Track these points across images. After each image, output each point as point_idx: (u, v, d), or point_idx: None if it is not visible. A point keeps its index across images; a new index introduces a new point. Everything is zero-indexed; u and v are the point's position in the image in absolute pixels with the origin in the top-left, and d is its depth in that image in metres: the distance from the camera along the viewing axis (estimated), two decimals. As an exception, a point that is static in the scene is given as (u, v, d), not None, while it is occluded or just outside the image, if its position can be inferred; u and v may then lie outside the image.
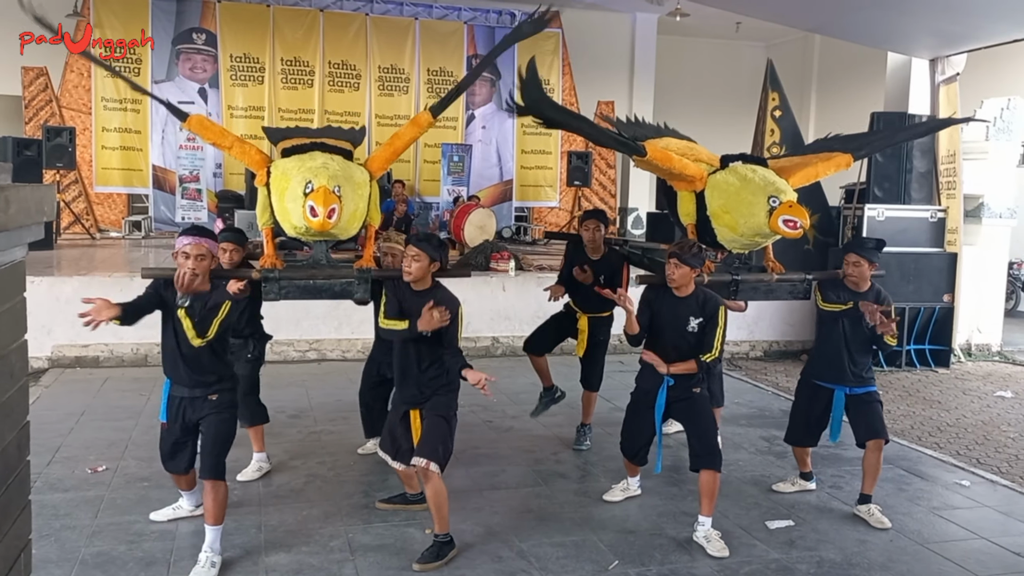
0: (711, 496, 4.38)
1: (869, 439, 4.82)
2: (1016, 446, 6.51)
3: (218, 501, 3.92)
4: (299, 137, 4.88)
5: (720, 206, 4.64)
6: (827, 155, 4.99)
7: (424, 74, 14.97)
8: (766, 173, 4.64)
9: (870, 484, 4.83)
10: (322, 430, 6.17)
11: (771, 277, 4.89)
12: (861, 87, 15.47)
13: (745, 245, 4.80)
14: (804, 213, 4.37)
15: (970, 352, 9.96)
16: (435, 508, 4.08)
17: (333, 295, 4.42)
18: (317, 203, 3.86)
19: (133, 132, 13.66)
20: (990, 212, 10.05)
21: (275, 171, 4.25)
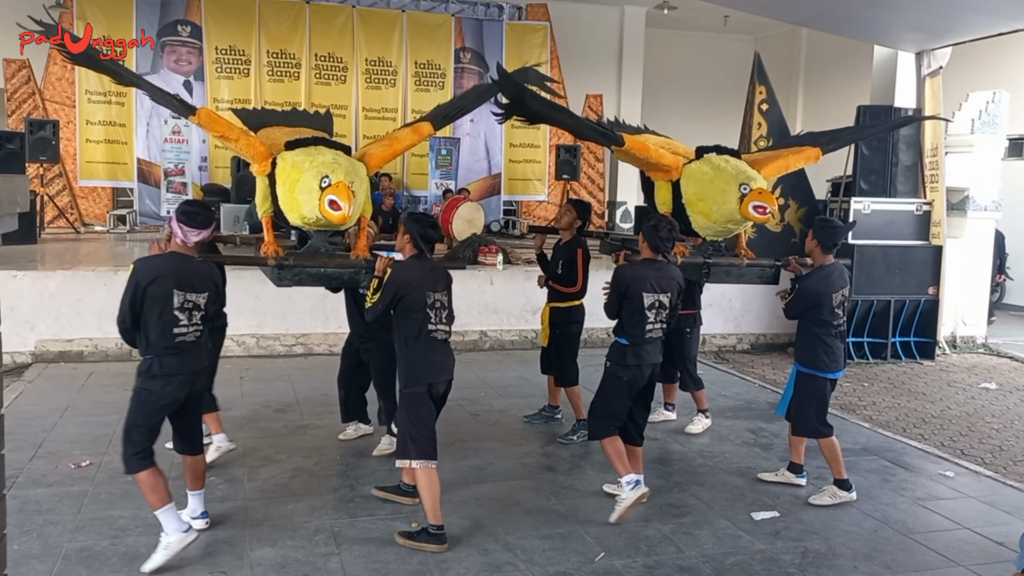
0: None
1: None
2: (1000, 437, 6.55)
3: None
4: (275, 125, 5.07)
5: (695, 194, 4.91)
6: (797, 148, 5.27)
7: (411, 67, 14.91)
8: (738, 163, 4.87)
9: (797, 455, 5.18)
10: (308, 424, 6.15)
11: (741, 261, 5.11)
12: (848, 80, 15.51)
13: (718, 232, 5.01)
14: (772, 199, 4.62)
15: (955, 344, 10.02)
16: (421, 496, 4.24)
17: (342, 283, 4.64)
18: (340, 197, 4.05)
19: (118, 125, 13.56)
20: (975, 205, 10.10)
21: (282, 163, 4.36)
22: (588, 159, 15.57)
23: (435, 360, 4.25)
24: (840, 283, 4.91)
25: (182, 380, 3.91)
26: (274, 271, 4.45)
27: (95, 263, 8.71)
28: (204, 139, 13.86)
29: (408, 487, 4.67)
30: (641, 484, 4.56)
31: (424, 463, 4.15)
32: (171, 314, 3.82)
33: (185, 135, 13.20)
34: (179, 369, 3.89)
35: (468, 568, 3.96)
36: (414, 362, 4.22)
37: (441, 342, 4.27)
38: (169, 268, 3.88)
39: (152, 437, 3.92)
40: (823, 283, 4.86)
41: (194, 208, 3.97)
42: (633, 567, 4.02)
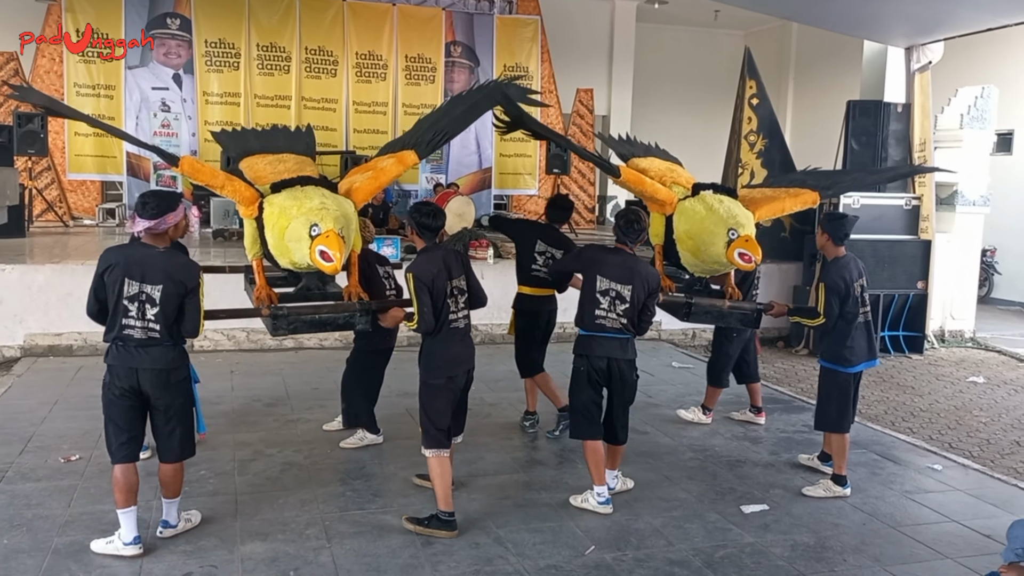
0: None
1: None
2: (987, 431, 6.60)
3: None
4: (257, 150, 5.08)
5: (685, 231, 4.98)
6: (796, 191, 5.33)
7: (402, 61, 14.86)
8: (731, 205, 4.94)
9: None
10: (299, 418, 6.15)
11: (723, 303, 5.21)
12: (838, 75, 15.55)
13: (705, 270, 5.14)
14: (757, 248, 4.71)
15: (943, 338, 10.08)
16: (433, 483, 4.36)
17: (337, 327, 4.66)
18: (332, 248, 4.00)
19: (107, 118, 13.40)
20: (964, 200, 10.15)
21: (269, 207, 4.32)
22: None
23: (454, 352, 4.35)
24: (857, 273, 4.97)
25: (126, 373, 3.85)
26: (268, 321, 4.44)
27: (84, 257, 8.66)
28: (194, 132, 13.80)
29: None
30: (610, 503, 4.62)
31: (436, 452, 4.30)
32: (121, 303, 3.81)
33: (175, 128, 13.14)
34: (121, 361, 3.86)
35: (459, 561, 3.97)
36: (433, 354, 4.32)
37: (461, 332, 4.38)
38: (124, 256, 3.88)
39: (120, 432, 3.89)
40: (844, 273, 4.92)
41: (146, 198, 3.93)
42: (623, 560, 4.04)
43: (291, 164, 4.97)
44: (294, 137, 5.55)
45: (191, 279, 3.89)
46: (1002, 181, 11.69)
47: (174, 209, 3.92)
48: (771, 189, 5.55)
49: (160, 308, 3.81)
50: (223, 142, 5.70)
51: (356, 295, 4.58)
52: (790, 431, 6.27)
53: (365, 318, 4.50)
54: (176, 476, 4.08)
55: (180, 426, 4.00)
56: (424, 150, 4.75)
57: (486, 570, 3.90)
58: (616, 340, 4.58)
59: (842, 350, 4.95)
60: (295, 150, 5.25)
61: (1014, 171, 12.74)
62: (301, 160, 5.10)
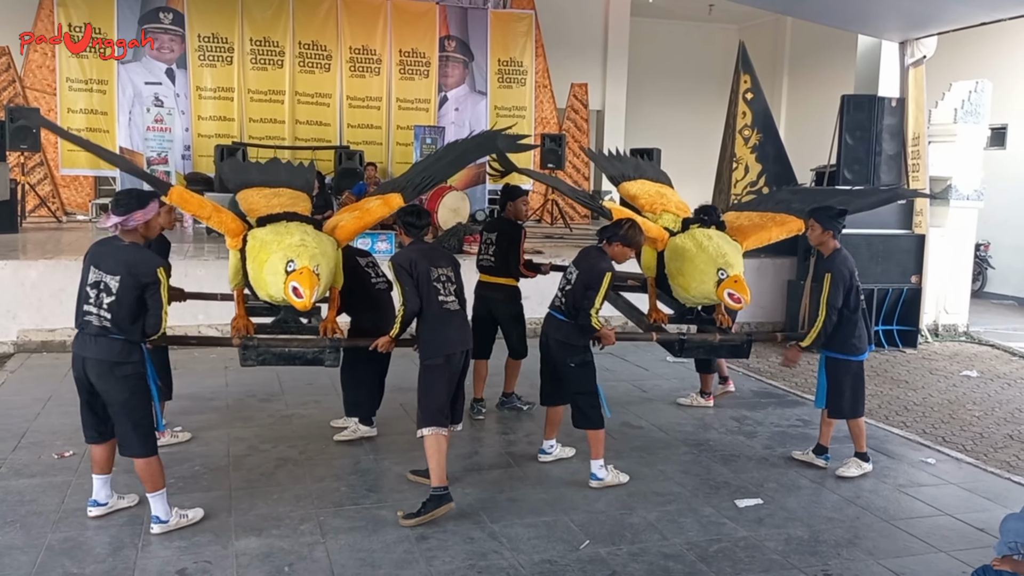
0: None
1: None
2: (981, 424, 6.62)
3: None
4: (256, 183, 5.27)
5: (676, 268, 5.16)
6: (783, 218, 5.51)
7: (396, 55, 14.84)
8: (720, 241, 5.12)
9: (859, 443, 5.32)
10: (293, 414, 6.14)
11: (714, 337, 5.36)
12: (832, 70, 15.56)
13: (697, 303, 5.38)
14: (746, 289, 4.90)
15: (937, 332, 10.11)
16: (428, 460, 4.41)
17: (306, 362, 4.70)
18: (303, 286, 4.16)
19: (99, 113, 13.42)
20: (958, 194, 10.16)
21: (252, 240, 4.48)
22: (573, 148, 15.55)
23: (451, 331, 4.47)
24: (853, 264, 5.15)
25: (77, 361, 3.99)
26: (239, 351, 4.56)
27: (77, 252, 8.62)
28: (187, 128, 13.76)
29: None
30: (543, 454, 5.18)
31: (434, 429, 4.37)
32: (84, 289, 3.93)
33: (168, 123, 13.09)
34: (76, 348, 4.00)
35: (454, 556, 3.97)
36: (430, 335, 4.45)
37: (455, 313, 4.50)
38: (96, 246, 4.02)
39: (82, 414, 4.11)
40: (849, 264, 5.09)
41: (119, 196, 4.06)
42: (618, 554, 4.05)
43: (285, 199, 5.15)
44: (295, 172, 5.76)
45: (146, 273, 3.90)
46: (995, 175, 11.72)
47: (143, 207, 3.95)
48: (758, 215, 5.69)
49: (116, 298, 3.86)
50: (224, 172, 5.84)
51: (332, 331, 4.70)
52: (784, 425, 6.29)
53: (334, 356, 4.64)
54: (144, 470, 4.05)
55: (128, 421, 3.98)
56: (410, 194, 4.94)
57: (480, 564, 3.90)
58: (555, 320, 4.89)
59: (852, 339, 5.13)
60: (294, 185, 5.44)
61: (1008, 165, 12.77)
62: (296, 196, 5.29)
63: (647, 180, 5.98)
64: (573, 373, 4.87)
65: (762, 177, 10.05)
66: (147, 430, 4.05)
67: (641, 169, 6.19)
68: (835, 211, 5.17)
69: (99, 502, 4.25)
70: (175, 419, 5.85)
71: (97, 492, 4.26)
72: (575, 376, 4.87)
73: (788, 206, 5.64)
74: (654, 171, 6.33)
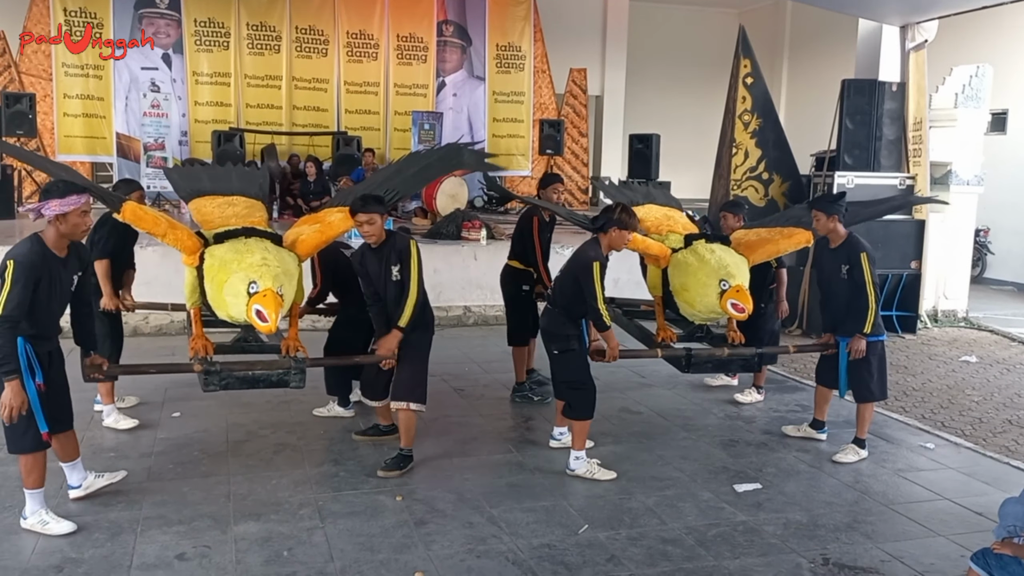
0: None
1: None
2: (980, 409, 6.62)
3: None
4: (208, 191, 5.11)
5: (680, 284, 5.14)
6: (790, 231, 5.47)
7: (393, 40, 14.75)
8: (723, 254, 5.10)
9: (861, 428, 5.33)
10: (291, 399, 6.12)
11: (722, 352, 5.29)
12: (832, 54, 15.49)
13: (704, 319, 5.35)
14: (748, 299, 4.90)
15: (936, 318, 10.10)
16: (404, 428, 4.77)
17: (270, 384, 4.58)
18: (267, 309, 4.02)
19: (96, 99, 13.36)
20: (958, 179, 10.13)
21: (210, 259, 4.29)
22: (572, 134, 15.51)
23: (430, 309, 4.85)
24: None
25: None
26: (200, 376, 4.40)
27: (74, 239, 8.60)
28: (183, 113, 13.71)
29: (387, 427, 5.21)
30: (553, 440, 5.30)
31: (423, 406, 4.75)
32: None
33: (164, 109, 13.03)
34: None
35: (453, 541, 3.97)
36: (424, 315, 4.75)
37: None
38: None
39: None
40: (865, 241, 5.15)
41: (46, 184, 3.92)
42: (617, 539, 4.05)
43: (240, 208, 5.00)
44: (248, 178, 5.54)
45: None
46: (996, 160, 11.68)
47: (62, 197, 3.69)
48: (766, 230, 5.67)
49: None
50: (174, 180, 5.63)
51: (294, 349, 4.56)
52: (783, 411, 6.28)
53: (299, 377, 4.50)
54: (23, 466, 3.93)
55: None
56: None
57: (479, 549, 3.90)
58: (545, 309, 5.01)
59: (879, 319, 5.11)
60: (248, 192, 5.25)
61: (1008, 150, 12.73)
62: (251, 204, 5.12)
63: (654, 205, 5.97)
64: (556, 360, 4.86)
65: (762, 162, 10.01)
66: (13, 430, 3.84)
67: (651, 196, 6.17)
68: (832, 196, 5.16)
69: (73, 485, 4.27)
70: (176, 406, 5.85)
71: (70, 477, 4.27)
72: (558, 364, 4.86)
73: (799, 221, 5.58)
74: (664, 197, 6.28)
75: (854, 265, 5.03)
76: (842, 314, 5.18)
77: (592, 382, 4.84)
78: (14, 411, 3.70)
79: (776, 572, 3.77)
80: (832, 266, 5.20)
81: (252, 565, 3.68)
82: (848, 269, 5.07)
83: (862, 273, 5.00)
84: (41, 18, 12.92)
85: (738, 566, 3.82)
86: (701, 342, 5.57)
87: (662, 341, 5.32)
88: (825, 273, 5.32)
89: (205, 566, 3.67)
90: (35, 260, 3.70)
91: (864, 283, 5.00)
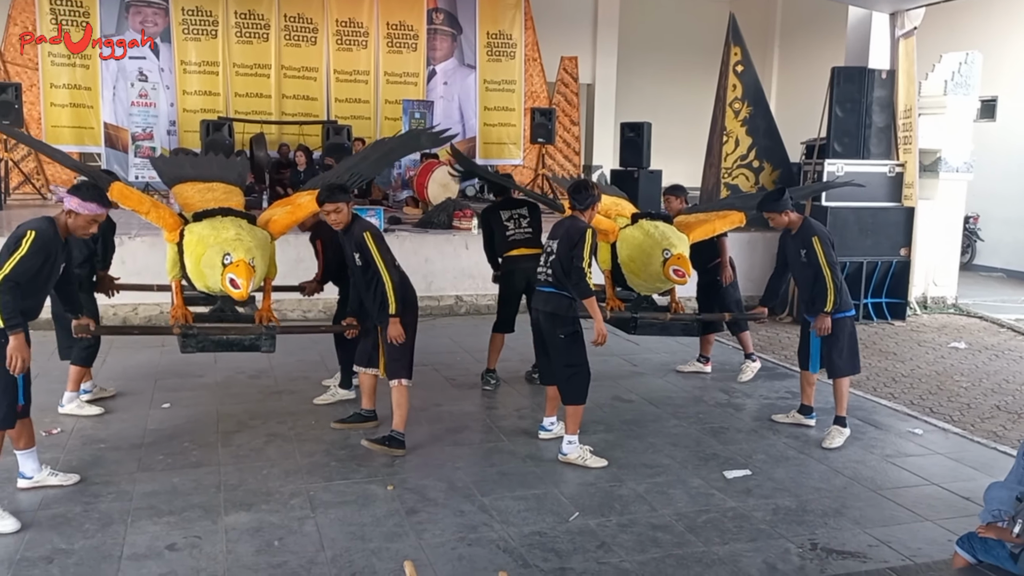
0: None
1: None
2: (968, 395, 6.66)
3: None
4: (190, 178, 5.48)
5: (627, 256, 5.66)
6: (724, 213, 6.14)
7: (383, 28, 14.67)
8: (665, 229, 5.66)
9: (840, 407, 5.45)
10: (282, 390, 6.13)
11: (664, 316, 5.87)
12: (823, 41, 15.49)
13: (650, 288, 5.84)
14: (687, 264, 5.45)
15: (926, 305, 10.14)
16: (397, 405, 4.88)
17: (243, 348, 4.97)
18: (239, 276, 4.39)
19: (83, 89, 13.25)
20: (947, 166, 10.15)
21: (189, 235, 4.66)
22: (563, 122, 15.47)
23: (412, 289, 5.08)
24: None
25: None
26: (179, 339, 4.75)
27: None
28: (172, 103, 13.62)
29: (368, 412, 5.30)
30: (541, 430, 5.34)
31: (411, 381, 4.91)
32: None
33: (152, 99, 12.95)
34: None
35: (444, 529, 3.98)
36: (408, 295, 4.92)
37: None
38: None
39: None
40: (820, 224, 5.37)
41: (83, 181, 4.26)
42: (607, 526, 4.07)
43: (219, 194, 5.33)
44: (227, 167, 5.96)
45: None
46: (985, 147, 11.71)
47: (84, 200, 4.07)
48: (704, 214, 6.30)
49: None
50: (159, 167, 6.12)
51: (267, 319, 4.90)
52: (773, 397, 6.32)
53: (269, 342, 4.87)
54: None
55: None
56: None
57: (471, 537, 3.91)
58: (542, 293, 4.89)
59: (843, 296, 5.27)
60: (227, 179, 5.61)
61: (997, 137, 12.76)
62: (229, 190, 5.45)
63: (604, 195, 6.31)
64: (563, 345, 4.82)
65: (752, 150, 10.04)
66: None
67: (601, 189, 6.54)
68: (775, 194, 5.43)
69: (26, 475, 4.29)
70: (166, 396, 5.85)
71: (23, 466, 4.29)
72: (564, 348, 4.83)
73: (731, 205, 6.39)
74: (613, 191, 6.99)
75: (808, 248, 5.24)
76: (808, 296, 5.38)
77: (588, 365, 4.86)
78: (21, 363, 3.89)
79: (765, 557, 3.80)
80: (793, 252, 5.39)
81: (243, 555, 3.69)
82: (805, 253, 5.27)
83: (816, 255, 5.19)
84: (26, 7, 12.79)
85: (727, 551, 3.84)
86: (647, 311, 6.00)
87: (612, 309, 5.69)
88: (789, 259, 5.51)
89: (196, 556, 3.67)
90: (51, 236, 4.01)
91: (819, 263, 5.19)
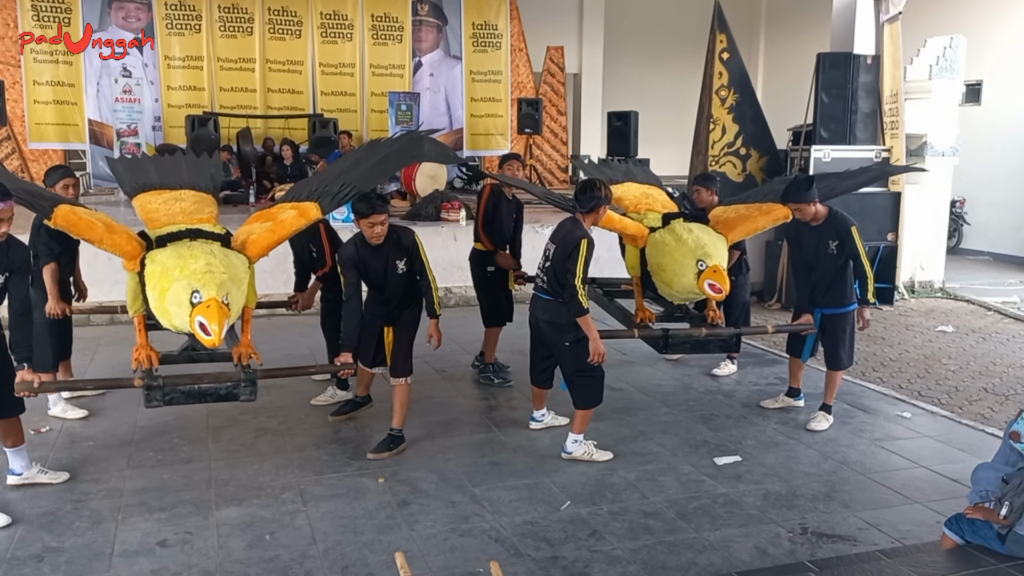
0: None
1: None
2: (956, 378, 6.71)
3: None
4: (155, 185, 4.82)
5: (657, 264, 5.07)
6: (768, 207, 5.37)
7: (368, 20, 14.59)
8: (700, 233, 5.00)
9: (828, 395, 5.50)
10: (272, 384, 6.08)
11: (700, 332, 5.22)
12: (808, 28, 15.50)
13: (683, 299, 5.27)
14: (725, 279, 4.81)
15: (913, 289, 10.19)
16: (399, 404, 4.83)
17: (219, 398, 4.25)
18: (211, 321, 3.71)
19: (66, 85, 13.15)
20: (933, 151, 10.18)
21: (151, 264, 3.97)
22: (550, 112, 15.44)
23: None
24: None
25: None
26: (143, 392, 4.07)
27: (48, 227, 8.48)
28: (156, 98, 13.53)
29: (362, 399, 5.41)
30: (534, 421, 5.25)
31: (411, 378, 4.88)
32: None
33: (136, 94, 12.85)
34: None
35: (436, 520, 3.99)
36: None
37: None
38: None
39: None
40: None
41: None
42: (599, 514, 4.08)
43: (188, 204, 4.68)
44: (198, 168, 5.21)
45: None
46: (971, 131, 11.74)
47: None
48: (745, 207, 5.59)
49: None
50: (118, 173, 5.24)
51: (247, 357, 4.26)
52: (762, 384, 6.34)
53: (249, 389, 4.18)
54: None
55: None
56: (328, 204, 4.46)
57: (463, 528, 3.92)
58: (540, 300, 4.77)
59: (849, 290, 5.30)
60: (197, 185, 4.95)
61: (983, 121, 12.80)
62: (199, 199, 4.80)
63: (634, 183, 5.89)
64: (570, 352, 4.67)
65: (739, 137, 10.03)
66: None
67: (631, 174, 6.09)
68: (804, 183, 5.18)
69: (15, 472, 4.29)
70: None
71: (12, 463, 4.28)
72: (572, 355, 4.67)
73: (776, 195, 5.48)
74: (644, 175, 6.21)
75: (844, 239, 5.13)
76: (825, 288, 5.25)
77: (601, 368, 4.71)
78: None
79: (755, 542, 3.82)
80: (818, 242, 5.20)
81: (235, 550, 3.69)
82: (837, 244, 5.15)
83: (854, 245, 5.12)
84: (7, 3, 12.67)
85: (718, 537, 3.86)
86: (681, 322, 5.52)
87: (640, 322, 5.24)
88: (807, 250, 5.27)
89: (187, 552, 3.66)
90: None
91: (859, 254, 5.15)
